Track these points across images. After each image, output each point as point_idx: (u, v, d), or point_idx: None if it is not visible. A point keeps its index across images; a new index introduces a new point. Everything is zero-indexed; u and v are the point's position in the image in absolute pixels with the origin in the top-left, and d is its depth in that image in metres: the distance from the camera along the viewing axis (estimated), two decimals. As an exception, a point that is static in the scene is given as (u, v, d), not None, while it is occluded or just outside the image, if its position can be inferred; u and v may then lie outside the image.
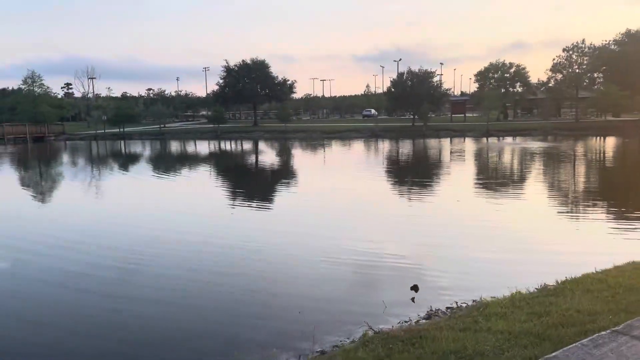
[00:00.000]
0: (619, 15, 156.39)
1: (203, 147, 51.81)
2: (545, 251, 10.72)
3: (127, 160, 40.36)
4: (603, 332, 4.56)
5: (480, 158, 35.53)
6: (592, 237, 12.11)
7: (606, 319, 5.00)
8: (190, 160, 39.81)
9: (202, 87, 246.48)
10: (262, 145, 52.75)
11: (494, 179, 24.44)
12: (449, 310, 8.05)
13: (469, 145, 45.59)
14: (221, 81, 75.34)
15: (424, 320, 7.41)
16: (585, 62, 63.66)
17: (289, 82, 76.86)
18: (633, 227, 12.88)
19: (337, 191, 20.83)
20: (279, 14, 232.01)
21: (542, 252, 10.67)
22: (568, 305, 5.60)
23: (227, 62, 74.52)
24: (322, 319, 7.66)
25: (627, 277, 6.45)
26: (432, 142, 49.71)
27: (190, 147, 52.79)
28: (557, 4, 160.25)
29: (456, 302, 8.13)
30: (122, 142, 62.22)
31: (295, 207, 17.99)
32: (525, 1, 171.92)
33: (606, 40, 64.23)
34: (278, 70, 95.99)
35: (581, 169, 27.40)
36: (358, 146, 48.28)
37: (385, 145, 47.91)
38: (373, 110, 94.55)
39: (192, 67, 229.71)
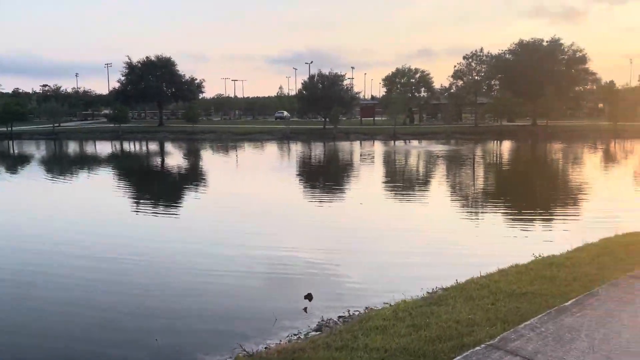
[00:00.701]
0: (515, 26, 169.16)
1: (101, 148, 48.50)
2: (449, 254, 10.66)
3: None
4: (478, 347, 4.23)
5: (389, 161, 36.24)
6: (495, 237, 12.31)
7: (483, 331, 4.71)
8: (81, 162, 36.94)
9: (104, 85, 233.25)
10: (167, 147, 50.35)
11: (401, 181, 24.88)
12: (340, 319, 7.68)
13: (378, 148, 46.50)
14: (123, 78, 71.26)
15: (313, 333, 7.02)
16: (483, 69, 67.66)
17: (197, 81, 74.39)
18: (529, 227, 13.36)
19: (243, 196, 20.04)
20: (192, 11, 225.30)
21: (446, 255, 10.63)
22: (448, 316, 5.29)
23: (129, 59, 70.68)
24: (191, 342, 6.84)
25: (509, 282, 6.32)
26: (343, 145, 50.17)
27: (87, 148, 49.20)
28: (461, 14, 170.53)
29: (349, 311, 7.78)
30: (9, 142, 56.73)
31: (198, 211, 16.99)
32: (433, 10, 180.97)
33: (502, 50, 68.68)
34: (189, 69, 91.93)
35: (481, 171, 28.90)
36: (270, 148, 47.59)
37: (296, 148, 47.61)
38: (285, 113, 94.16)
39: (93, 63, 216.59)
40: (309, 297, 8.65)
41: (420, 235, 12.61)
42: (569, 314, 4.65)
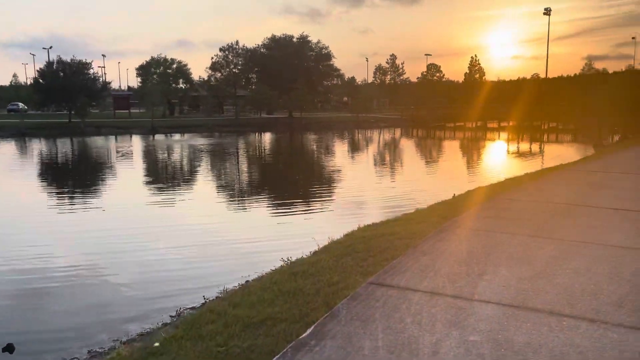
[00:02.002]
0: (269, 23, 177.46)
1: None
2: (197, 267, 9.33)
3: None
4: None
5: (149, 156, 33.31)
6: (245, 240, 11.40)
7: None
8: None
9: None
10: None
11: (165, 178, 22.81)
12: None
13: (137, 144, 42.76)
14: None
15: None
16: (240, 62, 68.62)
17: None
18: (285, 224, 12.94)
19: None
20: None
21: (195, 266, 9.28)
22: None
23: None
24: None
25: (250, 304, 5.32)
26: (94, 141, 44.69)
27: None
28: (218, 6, 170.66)
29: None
30: None
31: None
32: (190, 2, 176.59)
33: (257, 44, 70.71)
34: None
35: (246, 163, 28.74)
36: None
37: (37, 146, 40.42)
38: (21, 104, 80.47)
39: None
40: (9, 349, 6.44)
41: (172, 245, 11.06)
42: (307, 351, 3.74)
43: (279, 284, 5.88)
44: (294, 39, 68.64)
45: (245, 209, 15.61)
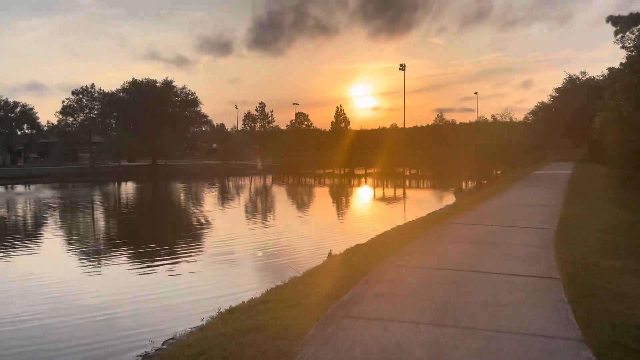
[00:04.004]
0: (131, 68, 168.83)
1: None
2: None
3: None
4: None
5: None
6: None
7: None
8: None
9: None
10: None
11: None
12: None
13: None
14: None
15: None
16: (96, 106, 63.13)
17: None
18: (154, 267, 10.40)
19: None
20: None
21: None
22: None
23: None
24: None
25: None
26: None
27: None
28: (75, 50, 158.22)
29: None
30: None
31: None
32: (42, 43, 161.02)
33: (116, 88, 65.85)
34: None
35: (101, 216, 25.31)
36: None
37: None
38: None
39: None
40: None
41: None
42: None
43: None
44: (158, 84, 65.13)
45: (63, 295, 12.72)
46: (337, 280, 7.24)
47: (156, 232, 21.18)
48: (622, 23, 35.02)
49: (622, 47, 20.71)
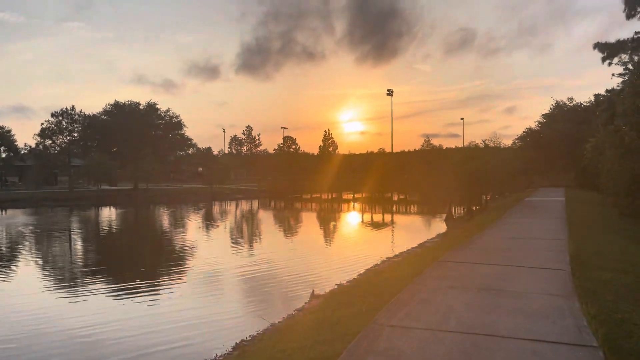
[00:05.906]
0: (117, 91, 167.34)
1: None
2: None
3: None
4: None
5: None
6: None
7: None
8: None
9: None
10: None
11: None
12: None
13: None
14: None
15: None
16: (76, 129, 61.35)
17: None
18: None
19: None
20: None
21: None
22: None
23: None
24: None
25: None
26: None
27: None
28: (61, 73, 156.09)
29: None
30: None
31: None
32: (29, 65, 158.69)
33: (98, 111, 64.23)
34: None
35: (79, 242, 23.87)
36: None
37: None
38: None
39: None
40: None
41: None
42: None
43: None
44: (141, 106, 63.63)
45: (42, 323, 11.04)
46: (313, 349, 5.77)
47: (125, 265, 19.47)
48: (610, 49, 34.63)
49: (625, 70, 19.78)
